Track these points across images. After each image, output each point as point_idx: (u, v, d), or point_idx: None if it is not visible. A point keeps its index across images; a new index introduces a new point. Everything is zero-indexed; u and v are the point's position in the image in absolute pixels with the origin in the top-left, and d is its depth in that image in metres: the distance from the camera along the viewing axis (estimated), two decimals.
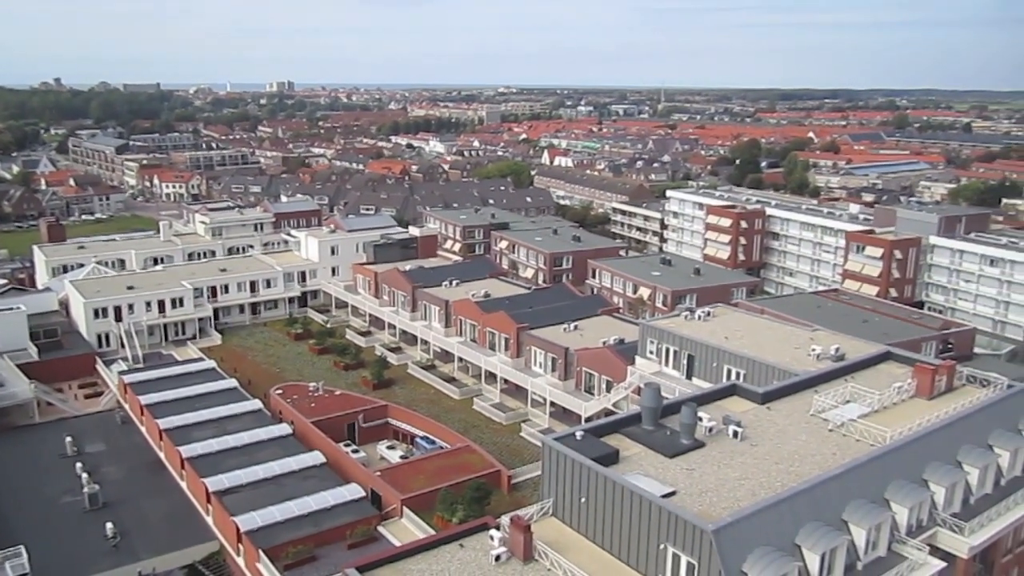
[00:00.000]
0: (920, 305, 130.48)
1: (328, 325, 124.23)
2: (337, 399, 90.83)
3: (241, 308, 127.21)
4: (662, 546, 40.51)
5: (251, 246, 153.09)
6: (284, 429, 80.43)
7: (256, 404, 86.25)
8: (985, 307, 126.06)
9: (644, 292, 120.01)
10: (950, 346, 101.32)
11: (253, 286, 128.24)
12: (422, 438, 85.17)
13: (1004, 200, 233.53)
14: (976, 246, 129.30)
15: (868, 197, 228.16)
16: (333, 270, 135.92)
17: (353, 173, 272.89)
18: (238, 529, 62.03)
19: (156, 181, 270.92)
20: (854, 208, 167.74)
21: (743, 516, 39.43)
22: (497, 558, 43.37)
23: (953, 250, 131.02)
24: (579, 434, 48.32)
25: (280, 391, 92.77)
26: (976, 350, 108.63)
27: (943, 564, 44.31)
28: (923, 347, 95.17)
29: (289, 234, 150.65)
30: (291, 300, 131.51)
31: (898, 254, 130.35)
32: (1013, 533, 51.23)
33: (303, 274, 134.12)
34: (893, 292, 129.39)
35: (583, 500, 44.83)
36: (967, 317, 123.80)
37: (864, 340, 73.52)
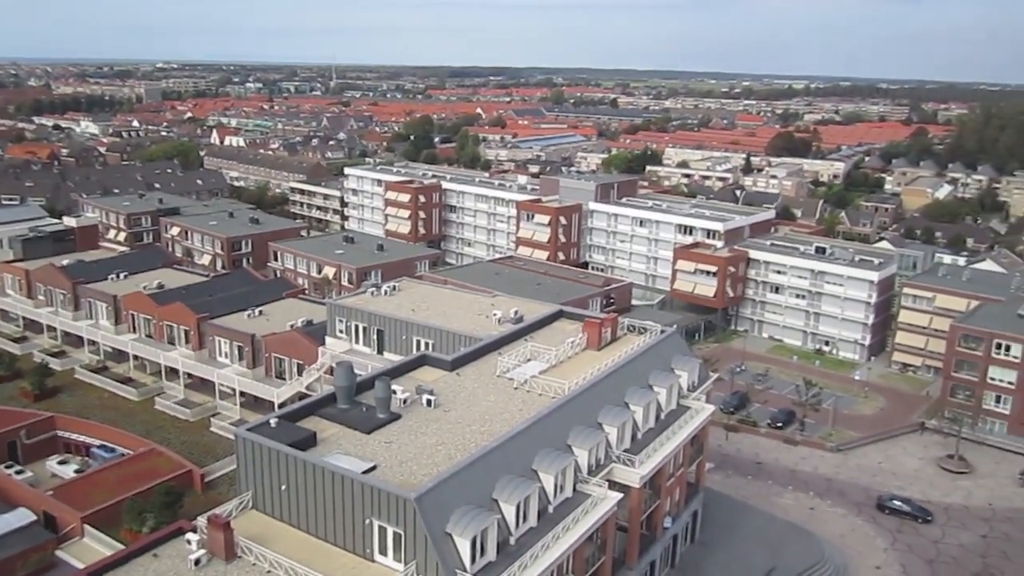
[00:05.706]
0: (585, 266, 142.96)
1: None
2: None
3: None
4: (368, 521, 41.03)
5: None
6: None
7: None
8: (638, 263, 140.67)
9: (329, 271, 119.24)
10: (612, 300, 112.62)
11: None
12: (99, 447, 78.74)
13: (648, 167, 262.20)
14: (627, 209, 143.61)
15: (533, 168, 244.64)
16: None
17: None
18: None
19: None
20: (522, 179, 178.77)
21: (442, 480, 41.06)
22: (197, 562, 41.35)
23: (609, 214, 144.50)
24: (273, 421, 47.35)
25: None
26: (634, 302, 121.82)
27: (620, 495, 49.54)
28: (590, 303, 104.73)
29: None
30: None
31: (563, 220, 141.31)
32: (673, 460, 58.48)
33: None
34: (561, 255, 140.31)
35: (283, 488, 44.03)
36: (624, 273, 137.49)
37: (539, 301, 79.43)
